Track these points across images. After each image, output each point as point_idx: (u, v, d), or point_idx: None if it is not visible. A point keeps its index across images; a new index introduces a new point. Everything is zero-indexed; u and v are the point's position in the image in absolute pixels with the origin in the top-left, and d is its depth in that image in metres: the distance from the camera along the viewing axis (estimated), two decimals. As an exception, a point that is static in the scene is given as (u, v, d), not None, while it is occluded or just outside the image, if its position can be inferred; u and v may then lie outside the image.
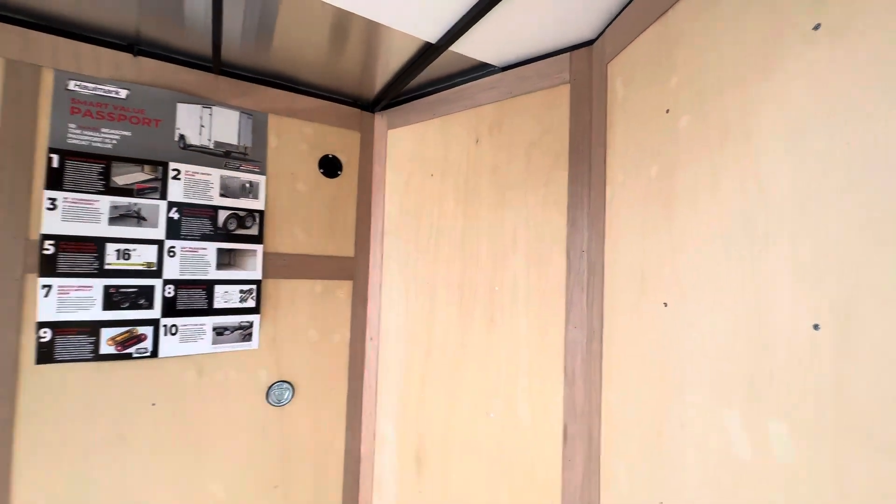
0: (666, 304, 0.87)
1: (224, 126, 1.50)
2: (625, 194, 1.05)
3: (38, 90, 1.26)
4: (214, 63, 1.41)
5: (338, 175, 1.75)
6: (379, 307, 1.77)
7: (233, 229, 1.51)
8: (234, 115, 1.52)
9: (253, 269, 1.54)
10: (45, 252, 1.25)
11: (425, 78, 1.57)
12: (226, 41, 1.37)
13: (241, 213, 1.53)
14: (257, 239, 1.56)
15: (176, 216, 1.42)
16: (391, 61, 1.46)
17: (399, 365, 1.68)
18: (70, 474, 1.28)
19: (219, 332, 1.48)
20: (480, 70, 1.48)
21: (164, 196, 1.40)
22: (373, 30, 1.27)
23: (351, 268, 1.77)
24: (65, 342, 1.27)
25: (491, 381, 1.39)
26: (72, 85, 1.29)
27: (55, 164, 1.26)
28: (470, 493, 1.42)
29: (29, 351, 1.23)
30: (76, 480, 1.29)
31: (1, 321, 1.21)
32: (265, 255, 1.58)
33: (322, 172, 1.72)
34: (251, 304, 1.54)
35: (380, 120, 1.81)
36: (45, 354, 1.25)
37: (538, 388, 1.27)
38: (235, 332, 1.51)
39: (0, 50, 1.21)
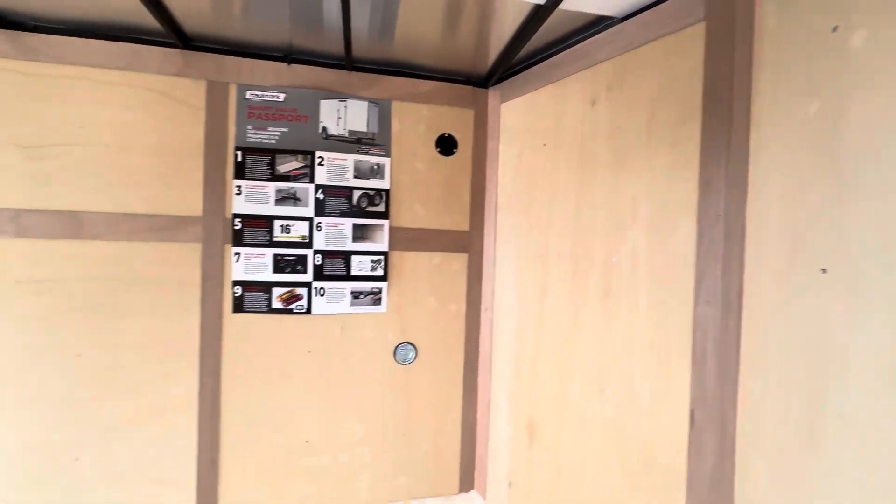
0: (825, 271, 0.71)
1: (356, 116, 1.71)
2: (774, 143, 0.87)
3: (227, 102, 1.62)
4: (347, 61, 1.61)
5: (453, 153, 1.84)
6: (493, 279, 1.82)
7: (364, 206, 1.72)
8: (363, 105, 1.72)
9: (381, 242, 1.74)
10: (235, 228, 1.62)
11: (537, 44, 1.52)
12: (355, 39, 1.55)
13: (371, 193, 1.73)
14: (384, 215, 1.75)
15: (321, 196, 1.68)
16: (503, 30, 1.46)
17: (512, 337, 1.71)
18: (255, 400, 1.67)
19: (355, 295, 1.73)
20: (595, 26, 1.38)
21: (312, 180, 1.67)
22: (485, 1, 1.29)
23: (465, 241, 1.85)
24: (250, 297, 1.64)
25: (606, 357, 1.32)
26: (248, 95, 1.62)
27: (239, 158, 1.62)
28: (583, 468, 1.39)
29: (228, 303, 1.63)
30: (258, 405, 1.67)
31: (213, 280, 1.62)
32: (391, 229, 1.76)
33: (439, 151, 1.82)
34: (380, 272, 1.75)
35: (493, 95, 1.83)
36: (238, 306, 1.63)
37: (660, 368, 1.16)
38: (368, 297, 1.74)
39: (204, 74, 1.59)
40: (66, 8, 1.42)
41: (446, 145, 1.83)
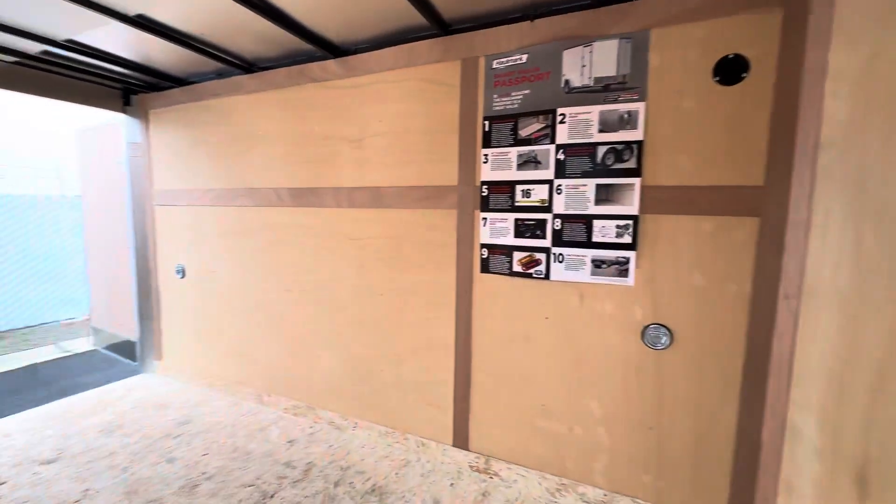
0: None
1: (603, 59, 1.49)
2: None
3: (478, 75, 1.72)
4: (593, -5, 1.41)
5: (741, 79, 1.34)
6: (802, 255, 1.26)
7: (610, 164, 1.51)
8: (612, 45, 1.47)
9: (629, 204, 1.49)
10: (483, 194, 1.74)
11: None
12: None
13: (619, 147, 1.50)
14: (635, 172, 1.48)
15: (562, 157, 1.58)
16: None
17: (834, 337, 1.15)
18: (498, 354, 1.80)
19: (596, 264, 1.57)
20: None
21: (552, 140, 1.59)
22: None
23: (757, 200, 1.35)
24: (494, 259, 1.75)
25: None
26: (494, 64, 1.67)
27: (486, 128, 1.71)
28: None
29: (477, 263, 1.80)
30: (501, 360, 1.80)
31: (465, 242, 1.82)
32: (643, 188, 1.48)
33: (717, 81, 1.37)
34: (627, 239, 1.51)
35: (821, -24, 1.20)
36: (485, 266, 1.77)
37: None
38: (612, 267, 1.55)
39: (459, 54, 1.74)
40: (363, 29, 1.83)
41: (730, 71, 1.35)
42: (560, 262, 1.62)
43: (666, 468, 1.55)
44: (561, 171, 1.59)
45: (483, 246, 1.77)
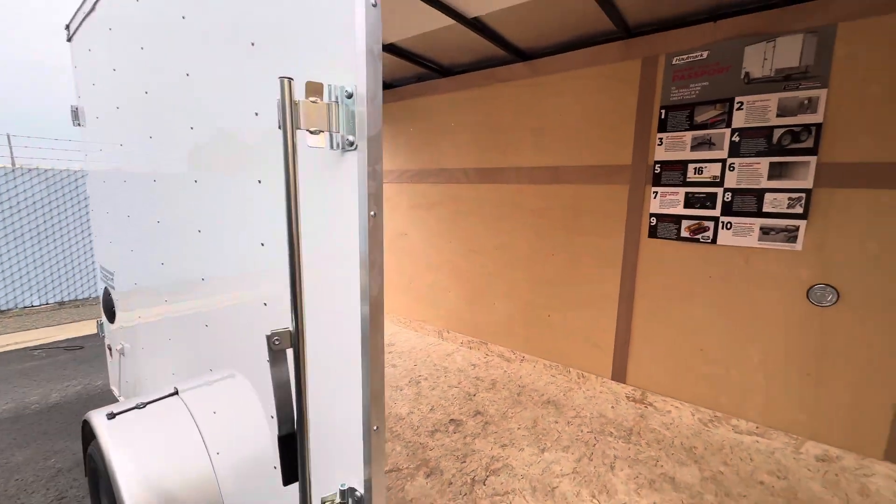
0: None
1: (786, 52, 1.72)
2: None
3: (656, 71, 2.05)
4: (782, -1, 1.65)
5: (935, 65, 1.49)
6: None
7: (786, 144, 1.75)
8: (797, 39, 1.70)
9: (803, 179, 1.73)
10: (655, 172, 2.09)
11: None
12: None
13: (797, 129, 1.73)
14: (811, 151, 1.70)
15: (737, 139, 1.86)
16: None
17: None
18: (659, 307, 2.16)
19: (765, 231, 1.83)
20: None
21: (728, 125, 1.87)
22: None
23: (943, 175, 1.50)
24: (662, 226, 2.10)
25: None
26: (675, 60, 1.99)
27: (662, 116, 2.04)
28: None
29: (645, 230, 2.17)
30: (662, 312, 2.16)
31: (635, 212, 2.19)
32: (819, 165, 1.70)
33: (908, 67, 1.53)
34: (798, 210, 1.75)
35: None
36: (652, 232, 2.13)
37: None
38: (781, 234, 1.80)
39: (640, 53, 2.09)
40: (554, 36, 2.26)
41: (923, 57, 1.50)
42: (728, 228, 1.91)
43: (822, 410, 1.79)
44: (735, 151, 1.86)
45: (652, 215, 2.13)
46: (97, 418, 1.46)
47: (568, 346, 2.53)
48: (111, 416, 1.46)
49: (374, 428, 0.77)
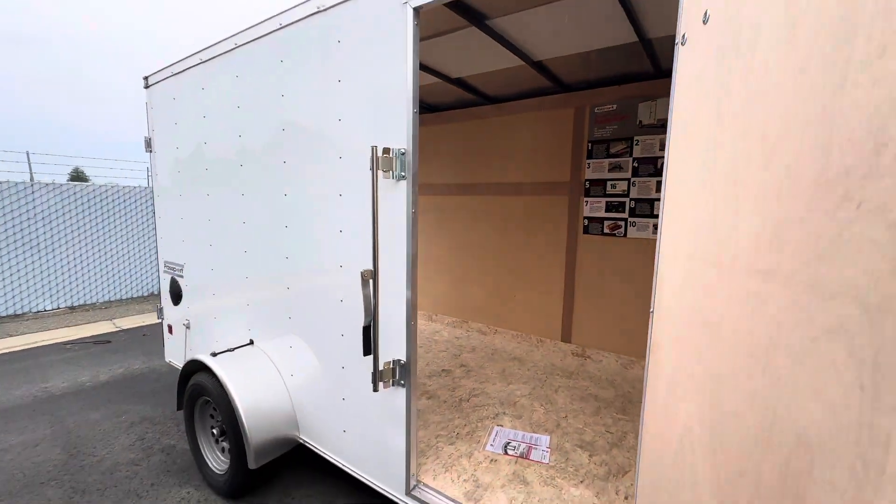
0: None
1: (663, 108, 2.59)
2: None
3: (585, 116, 2.90)
4: (656, 73, 2.52)
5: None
6: None
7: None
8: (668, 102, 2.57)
9: (677, 192, 2.59)
10: (586, 187, 2.93)
11: None
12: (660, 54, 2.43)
13: (671, 159, 2.59)
14: (680, 173, 2.57)
15: (636, 165, 2.71)
16: None
17: None
18: (594, 287, 2.98)
19: (656, 227, 2.67)
20: None
21: (631, 155, 2.73)
22: None
23: None
24: (592, 226, 2.93)
25: None
26: (596, 110, 2.84)
27: (589, 147, 2.89)
28: None
29: (580, 229, 2.99)
30: (597, 291, 2.98)
31: (573, 216, 3.02)
32: (685, 183, 2.56)
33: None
34: (675, 212, 2.61)
35: None
36: (585, 230, 2.97)
37: None
38: (665, 229, 2.65)
39: (573, 103, 2.94)
40: (514, 88, 3.10)
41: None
42: (633, 226, 2.76)
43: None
44: (636, 172, 2.72)
45: (585, 218, 2.96)
46: (204, 357, 2.12)
47: (529, 318, 3.32)
48: (214, 354, 2.14)
49: (412, 323, 1.51)
